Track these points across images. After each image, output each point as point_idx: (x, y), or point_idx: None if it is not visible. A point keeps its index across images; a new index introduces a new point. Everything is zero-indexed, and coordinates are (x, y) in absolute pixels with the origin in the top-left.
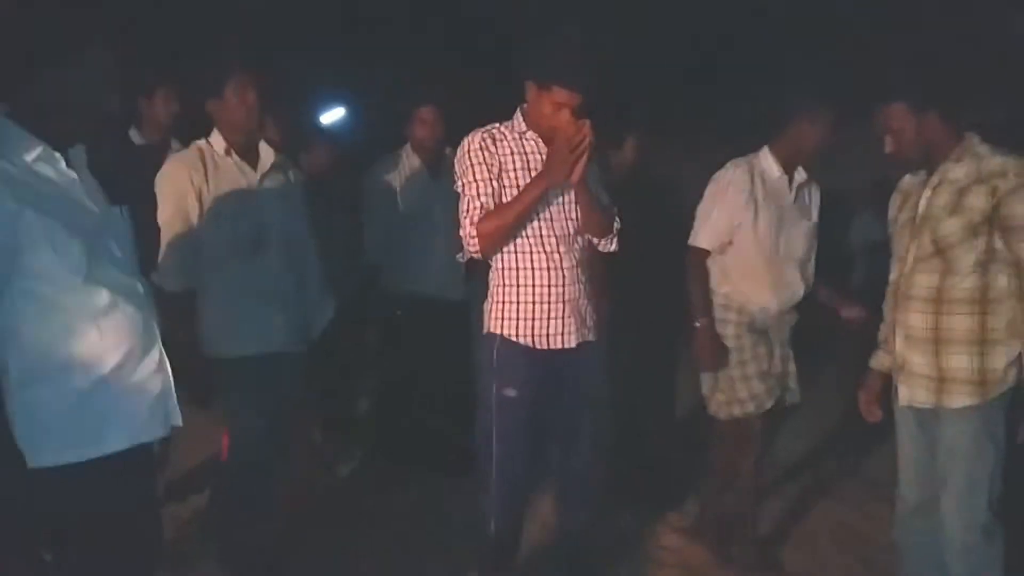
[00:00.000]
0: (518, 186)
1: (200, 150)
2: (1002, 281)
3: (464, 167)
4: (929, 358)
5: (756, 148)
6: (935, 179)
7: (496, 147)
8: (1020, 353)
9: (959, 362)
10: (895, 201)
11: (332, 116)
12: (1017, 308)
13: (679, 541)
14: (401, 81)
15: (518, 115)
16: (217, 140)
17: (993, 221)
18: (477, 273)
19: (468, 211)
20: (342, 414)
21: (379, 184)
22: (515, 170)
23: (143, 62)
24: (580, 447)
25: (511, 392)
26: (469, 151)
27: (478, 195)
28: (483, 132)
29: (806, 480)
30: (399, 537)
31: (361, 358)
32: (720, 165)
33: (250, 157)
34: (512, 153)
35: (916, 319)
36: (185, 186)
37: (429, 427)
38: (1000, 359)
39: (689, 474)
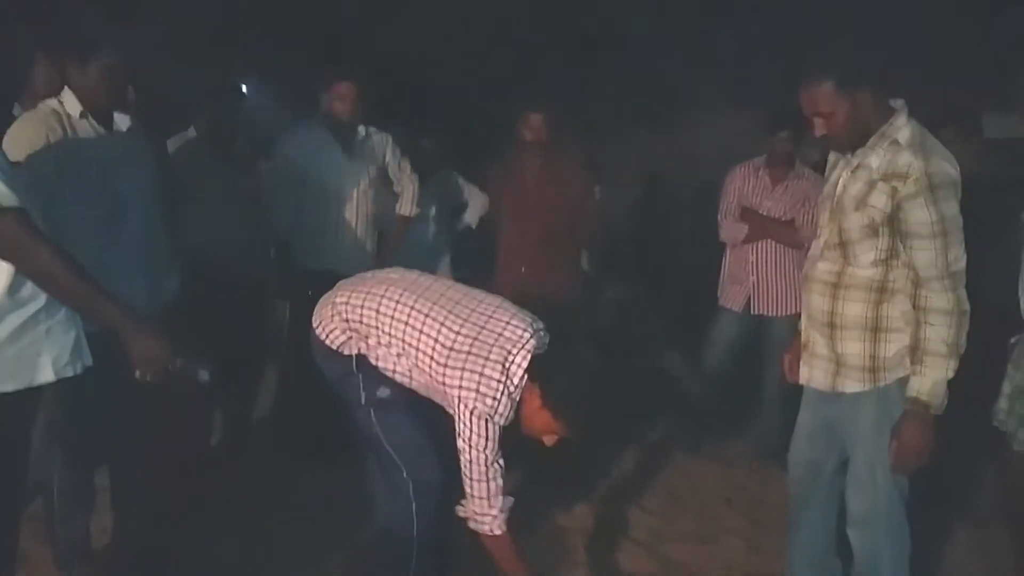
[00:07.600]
0: None
1: (54, 110)
2: (900, 275)
3: (494, 423)
4: (827, 340)
5: None
6: (855, 161)
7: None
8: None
9: (853, 348)
10: (829, 162)
11: None
12: (908, 304)
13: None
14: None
15: (521, 385)
16: (70, 101)
17: (893, 222)
18: (386, 252)
19: (492, 479)
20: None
21: (288, 159)
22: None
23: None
24: None
25: (384, 392)
26: (508, 405)
27: (495, 462)
28: (518, 385)
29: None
30: (299, 529)
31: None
32: None
33: (105, 122)
34: None
35: (816, 301)
36: (41, 145)
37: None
38: (892, 347)
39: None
